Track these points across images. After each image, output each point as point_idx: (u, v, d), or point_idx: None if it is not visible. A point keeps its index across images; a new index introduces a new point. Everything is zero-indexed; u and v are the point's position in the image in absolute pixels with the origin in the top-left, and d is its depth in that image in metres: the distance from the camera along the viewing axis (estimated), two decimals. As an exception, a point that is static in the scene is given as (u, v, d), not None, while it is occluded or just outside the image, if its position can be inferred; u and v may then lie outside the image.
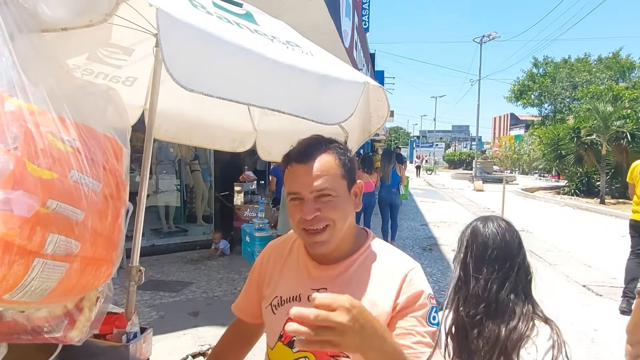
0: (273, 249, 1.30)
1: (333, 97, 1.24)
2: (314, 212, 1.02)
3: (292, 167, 1.08)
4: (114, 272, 1.08)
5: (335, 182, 1.07)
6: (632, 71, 25.78)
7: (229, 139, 2.36)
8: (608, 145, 16.98)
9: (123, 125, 1.13)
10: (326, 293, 1.10)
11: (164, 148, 8.03)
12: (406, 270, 1.07)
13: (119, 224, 1.05)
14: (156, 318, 4.44)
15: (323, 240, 1.05)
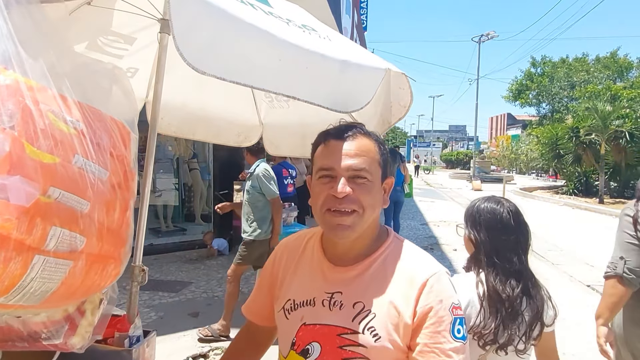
0: (286, 247, 1.21)
1: (352, 84, 1.16)
2: (346, 190, 0.95)
3: (329, 143, 1.01)
4: (122, 271, 0.98)
5: (373, 166, 1.00)
6: (630, 71, 25.81)
7: (234, 132, 2.28)
8: (607, 144, 16.97)
9: (130, 108, 1.03)
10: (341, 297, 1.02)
11: (161, 146, 7.93)
12: (426, 276, 0.97)
13: (127, 217, 0.95)
14: (155, 319, 4.35)
15: (348, 225, 0.96)
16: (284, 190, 6.99)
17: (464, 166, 47.90)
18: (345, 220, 0.96)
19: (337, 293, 1.02)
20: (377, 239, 1.07)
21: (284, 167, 7.00)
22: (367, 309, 0.97)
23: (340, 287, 1.02)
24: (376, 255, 1.04)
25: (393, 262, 1.03)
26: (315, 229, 1.20)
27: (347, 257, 1.04)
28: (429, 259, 1.05)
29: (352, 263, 1.04)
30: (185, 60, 0.87)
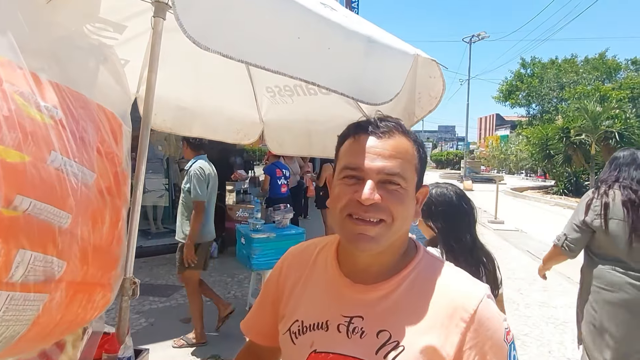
0: (294, 257, 1.05)
1: (379, 70, 1.00)
2: (374, 196, 0.79)
3: (359, 138, 0.84)
4: (113, 299, 0.81)
5: (409, 171, 0.84)
6: (618, 72, 26.08)
7: (233, 129, 2.12)
8: (597, 145, 17.08)
9: (122, 96, 0.86)
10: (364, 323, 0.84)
11: (151, 146, 7.72)
12: (474, 305, 0.80)
13: (119, 230, 0.77)
14: (145, 325, 4.17)
15: (372, 236, 0.80)
16: (278, 191, 6.84)
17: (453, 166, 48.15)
18: (369, 229, 0.80)
19: (357, 318, 0.85)
20: (404, 255, 0.90)
21: (277, 167, 6.86)
22: (394, 340, 0.81)
23: (361, 310, 0.85)
24: (404, 274, 0.87)
25: (425, 283, 0.86)
26: (328, 237, 1.03)
27: (368, 274, 0.88)
28: (470, 280, 0.88)
29: (374, 281, 0.87)
30: (186, 32, 0.71)
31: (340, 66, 0.95)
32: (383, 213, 0.80)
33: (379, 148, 0.82)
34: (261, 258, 4.19)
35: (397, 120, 0.87)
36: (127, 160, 0.84)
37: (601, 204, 2.29)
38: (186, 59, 1.96)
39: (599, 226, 2.28)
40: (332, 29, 0.91)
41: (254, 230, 4.34)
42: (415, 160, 0.85)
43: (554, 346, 3.95)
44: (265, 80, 1.89)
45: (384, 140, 0.83)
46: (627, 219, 2.21)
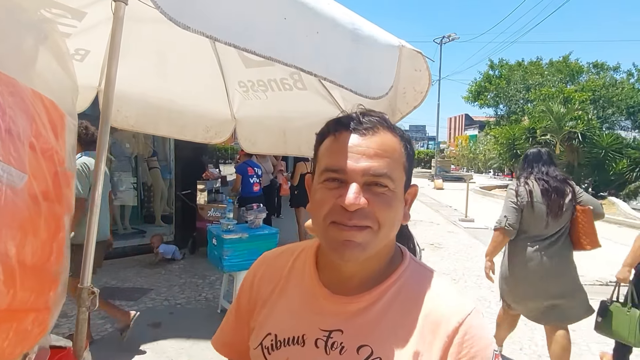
0: (268, 264, 0.95)
1: (369, 60, 0.92)
2: (360, 201, 0.71)
3: (340, 135, 0.76)
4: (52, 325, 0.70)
5: (397, 171, 0.76)
6: (581, 75, 27.09)
7: (203, 127, 2.01)
8: (561, 145, 17.68)
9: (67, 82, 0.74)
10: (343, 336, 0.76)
11: (118, 143, 7.46)
12: (459, 318, 0.75)
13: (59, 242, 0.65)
14: (111, 331, 3.97)
15: (358, 242, 0.72)
16: (250, 190, 6.72)
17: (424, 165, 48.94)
18: (355, 236, 0.72)
19: (337, 332, 0.77)
20: (390, 263, 0.83)
21: (249, 166, 6.73)
22: (376, 357, 0.74)
23: (341, 323, 0.78)
24: (388, 284, 0.80)
25: (410, 294, 0.79)
26: (305, 243, 0.94)
27: (350, 284, 0.80)
28: (457, 292, 0.81)
29: (356, 292, 0.80)
30: (159, 8, 0.61)
31: (332, 53, 0.87)
32: (369, 219, 0.73)
33: (363, 146, 0.74)
34: (233, 259, 4.07)
35: (381, 115, 0.79)
36: (70, 158, 0.72)
37: (526, 190, 2.96)
38: (152, 52, 1.84)
39: (528, 206, 2.94)
40: (318, 12, 0.83)
41: (226, 230, 4.21)
42: (403, 159, 0.78)
43: (525, 343, 4.01)
44: (237, 74, 1.80)
45: (368, 138, 0.75)
46: (545, 202, 2.92)
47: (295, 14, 0.79)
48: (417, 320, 0.76)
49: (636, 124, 25.24)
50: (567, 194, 2.97)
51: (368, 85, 0.92)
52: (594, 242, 3.07)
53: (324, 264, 0.85)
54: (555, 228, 2.97)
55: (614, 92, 24.39)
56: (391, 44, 0.96)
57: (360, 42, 0.88)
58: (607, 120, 24.23)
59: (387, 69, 0.95)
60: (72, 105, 0.76)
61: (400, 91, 1.17)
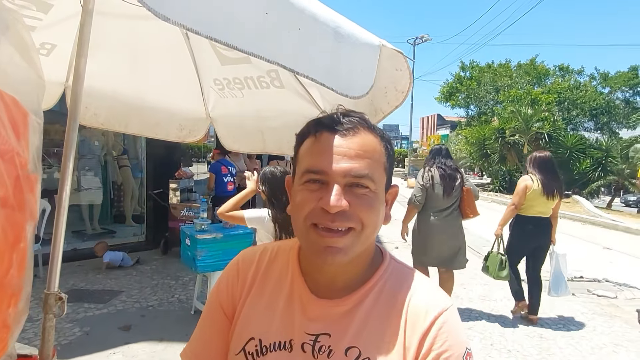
0: (244, 265, 0.90)
1: (350, 59, 0.91)
2: (342, 203, 0.70)
3: (321, 136, 0.75)
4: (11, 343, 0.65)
5: (378, 172, 0.75)
6: (547, 77, 28.01)
7: (176, 126, 1.96)
8: (529, 145, 18.26)
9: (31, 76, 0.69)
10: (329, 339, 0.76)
11: (87, 141, 7.22)
12: (436, 313, 0.76)
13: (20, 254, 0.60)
14: (80, 335, 3.84)
15: (340, 247, 0.72)
16: (224, 189, 6.63)
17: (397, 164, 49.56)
18: (337, 241, 0.72)
19: (324, 335, 0.77)
20: (372, 262, 0.83)
21: (222, 165, 6.64)
22: (364, 357, 0.75)
23: (328, 327, 0.78)
24: (371, 284, 0.80)
25: (392, 293, 0.80)
26: (286, 242, 0.92)
27: (334, 287, 0.80)
28: (436, 289, 0.83)
29: (341, 294, 0.79)
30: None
31: (313, 51, 0.85)
32: (352, 221, 0.72)
33: (344, 147, 0.73)
34: (207, 260, 4.01)
35: (361, 115, 0.79)
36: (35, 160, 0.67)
37: (429, 176, 4.20)
38: (123, 48, 1.78)
39: (431, 187, 4.17)
40: (300, 8, 0.81)
41: (200, 230, 4.14)
42: (384, 159, 0.78)
43: (495, 338, 4.11)
44: (212, 72, 1.76)
45: (349, 138, 0.74)
46: (442, 184, 4.16)
47: (277, 9, 0.77)
48: (400, 317, 0.77)
49: (598, 126, 26.31)
50: (457, 178, 4.23)
51: (349, 84, 0.92)
52: (474, 212, 4.40)
53: (307, 267, 0.84)
54: (449, 203, 4.21)
55: (578, 95, 25.34)
56: (372, 43, 0.96)
57: (342, 41, 0.88)
58: (571, 122, 25.15)
59: (367, 68, 0.94)
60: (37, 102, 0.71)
61: (382, 91, 1.17)
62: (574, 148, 18.73)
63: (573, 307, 5.03)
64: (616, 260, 7.56)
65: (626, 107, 26.44)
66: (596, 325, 4.50)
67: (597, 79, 27.62)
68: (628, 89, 26.76)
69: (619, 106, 26.36)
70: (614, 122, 26.14)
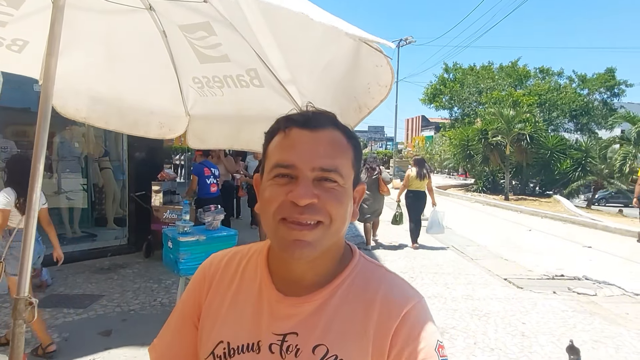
0: (217, 267, 0.90)
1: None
2: (311, 196, 0.70)
3: (290, 132, 0.75)
4: None
5: (346, 167, 0.76)
6: (528, 79, 28.47)
7: (156, 123, 1.92)
8: (511, 146, 18.52)
9: None
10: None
11: (66, 143, 7.09)
12: (407, 307, 0.77)
13: None
14: (58, 341, 3.74)
15: (309, 241, 0.72)
16: (207, 191, 6.56)
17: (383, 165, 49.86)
18: (305, 235, 0.72)
19: (292, 334, 0.76)
20: (341, 259, 0.83)
21: (205, 166, 6.58)
22: (332, 354, 0.74)
23: (295, 326, 0.77)
24: (339, 282, 0.80)
25: (360, 289, 0.80)
26: (256, 245, 0.91)
27: (302, 284, 0.79)
28: (405, 284, 0.84)
29: (308, 292, 0.79)
30: None
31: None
32: (320, 214, 0.72)
33: (313, 142, 0.74)
34: (190, 262, 3.95)
35: (329, 113, 0.80)
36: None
37: (366, 170, 7.53)
38: (100, 44, 1.74)
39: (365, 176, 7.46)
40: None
41: (182, 233, 4.08)
42: (351, 155, 0.79)
43: (479, 337, 4.15)
44: (191, 70, 1.73)
45: (318, 134, 0.75)
46: (367, 173, 7.53)
47: None
48: (370, 313, 0.77)
49: (578, 126, 26.85)
50: (376, 169, 7.66)
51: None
52: (385, 191, 7.76)
53: (275, 266, 0.83)
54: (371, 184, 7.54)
55: (558, 96, 25.82)
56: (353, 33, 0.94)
57: None
58: (552, 123, 25.60)
59: None
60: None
61: (365, 87, 1.16)
62: (555, 149, 19.07)
63: (554, 305, 5.11)
64: (596, 258, 7.71)
65: (604, 108, 27.04)
66: (576, 322, 4.58)
67: (575, 80, 28.20)
68: (605, 90, 27.37)
69: (598, 107, 26.94)
70: (593, 122, 26.70)
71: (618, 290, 5.77)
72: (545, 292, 5.62)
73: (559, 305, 5.09)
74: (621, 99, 27.94)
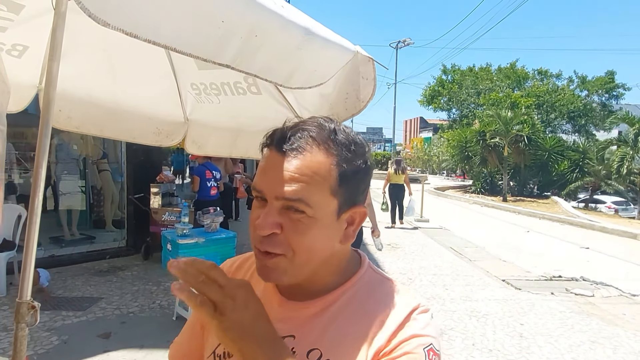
0: (227, 269, 0.92)
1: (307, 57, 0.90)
2: (271, 227, 0.69)
3: (268, 154, 0.74)
4: None
5: (318, 195, 0.71)
6: (527, 81, 28.57)
7: (153, 130, 1.93)
8: (509, 148, 18.58)
9: None
10: None
11: (65, 145, 7.08)
12: (408, 310, 0.75)
13: None
14: (57, 344, 3.75)
15: (273, 268, 0.72)
16: (207, 194, 6.57)
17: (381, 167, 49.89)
18: (267, 262, 0.72)
19: (289, 337, 0.76)
20: (345, 271, 0.82)
21: (207, 169, 6.58)
22: (325, 359, 0.74)
23: (293, 329, 0.77)
24: (342, 290, 0.80)
25: (364, 299, 0.79)
26: None
27: (304, 291, 0.80)
28: (411, 291, 0.82)
29: (310, 298, 0.79)
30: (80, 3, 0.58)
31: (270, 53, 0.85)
32: (279, 246, 0.71)
33: (281, 169, 0.70)
34: (189, 265, 3.96)
35: (316, 130, 0.74)
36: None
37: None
38: (99, 49, 1.75)
39: None
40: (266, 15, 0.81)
41: (182, 235, 4.10)
42: (332, 181, 0.72)
43: (477, 338, 4.17)
44: (190, 76, 1.74)
45: (289, 160, 0.71)
46: None
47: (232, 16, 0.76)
48: (369, 323, 0.76)
49: (576, 128, 26.93)
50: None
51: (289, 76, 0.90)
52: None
53: None
54: None
55: (557, 98, 25.90)
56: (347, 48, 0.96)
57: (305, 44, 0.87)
58: (550, 124, 25.68)
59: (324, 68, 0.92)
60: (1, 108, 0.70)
61: (343, 96, 1.15)
62: (553, 150, 19.13)
63: (552, 306, 5.14)
64: (593, 259, 7.74)
65: (602, 109, 27.13)
66: (574, 323, 4.60)
67: (575, 82, 28.27)
68: (604, 92, 27.47)
69: (596, 109, 27.03)
70: (591, 124, 26.79)
71: (615, 291, 5.79)
72: (543, 293, 5.64)
73: (557, 306, 5.12)
74: (620, 101, 28.09)
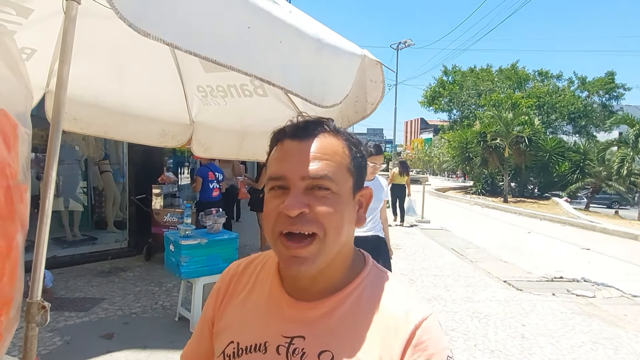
0: (234, 271, 0.94)
1: (328, 70, 0.93)
2: (300, 206, 0.71)
3: (282, 145, 0.77)
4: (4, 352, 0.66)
5: (340, 173, 0.76)
6: (527, 82, 28.58)
7: (158, 131, 1.94)
8: (510, 149, 18.59)
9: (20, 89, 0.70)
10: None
11: (66, 146, 7.09)
12: (416, 321, 0.75)
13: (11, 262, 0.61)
14: (60, 345, 3.76)
15: (305, 257, 0.73)
16: (209, 195, 6.57)
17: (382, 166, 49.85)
18: (301, 251, 0.73)
19: (299, 338, 0.78)
20: (351, 268, 0.83)
21: (210, 170, 6.59)
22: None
23: (303, 329, 0.78)
24: (349, 290, 0.81)
25: (371, 299, 0.80)
26: (271, 252, 0.95)
27: (311, 292, 0.81)
28: (416, 297, 0.83)
29: (318, 298, 0.80)
30: (119, 13, 0.59)
31: (294, 63, 0.87)
32: (312, 225, 0.72)
33: (304, 151, 0.75)
34: (192, 265, 3.97)
35: (324, 120, 0.80)
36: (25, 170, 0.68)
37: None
38: (106, 52, 1.77)
39: None
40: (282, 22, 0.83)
41: (184, 236, 4.10)
42: (347, 160, 0.78)
43: (479, 339, 4.17)
44: (196, 79, 1.76)
45: (307, 142, 0.76)
46: None
47: (258, 23, 0.78)
48: (379, 325, 0.77)
49: (576, 129, 26.93)
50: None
51: (322, 94, 0.93)
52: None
53: (285, 272, 0.85)
54: None
55: (557, 99, 25.91)
56: (354, 53, 0.98)
57: (323, 54, 0.89)
58: (550, 125, 25.69)
59: (344, 78, 0.96)
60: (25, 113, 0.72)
61: (353, 99, 1.16)
62: (553, 151, 19.14)
63: (553, 306, 5.14)
64: (594, 260, 7.75)
65: (603, 110, 27.14)
66: (575, 324, 4.61)
67: (575, 83, 28.26)
68: (604, 93, 27.48)
69: (596, 110, 27.04)
70: (592, 125, 26.80)
71: (616, 292, 5.80)
72: (545, 294, 5.65)
73: (558, 307, 5.13)
74: (620, 101, 28.10)
